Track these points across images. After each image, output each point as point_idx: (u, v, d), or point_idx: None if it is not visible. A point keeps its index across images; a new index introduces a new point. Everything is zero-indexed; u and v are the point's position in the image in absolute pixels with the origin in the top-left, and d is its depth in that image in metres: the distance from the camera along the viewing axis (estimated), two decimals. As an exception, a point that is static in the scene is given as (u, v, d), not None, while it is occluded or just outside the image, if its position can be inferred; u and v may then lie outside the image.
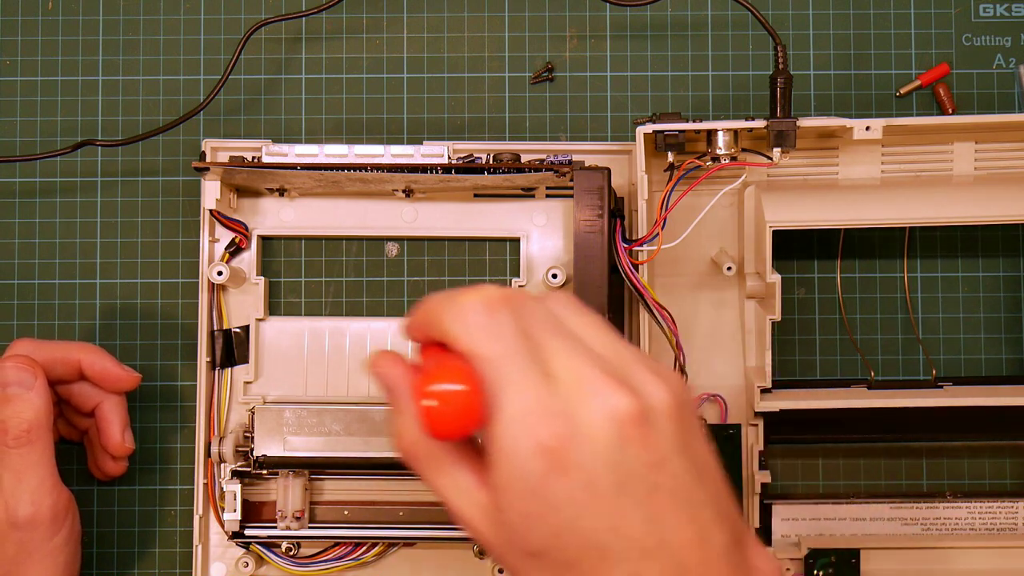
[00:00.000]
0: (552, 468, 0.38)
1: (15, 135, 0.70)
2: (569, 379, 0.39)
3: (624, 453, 0.39)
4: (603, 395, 0.39)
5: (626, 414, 0.39)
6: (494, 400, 0.39)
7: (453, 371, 0.40)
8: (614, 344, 0.41)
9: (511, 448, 0.39)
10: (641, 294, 0.61)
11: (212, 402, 0.67)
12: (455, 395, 0.39)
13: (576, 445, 0.38)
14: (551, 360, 0.40)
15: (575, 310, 0.42)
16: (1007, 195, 0.63)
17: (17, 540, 0.58)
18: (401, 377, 0.42)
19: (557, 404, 0.39)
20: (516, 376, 0.39)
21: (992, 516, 0.67)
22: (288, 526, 0.65)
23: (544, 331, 0.40)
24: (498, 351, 0.39)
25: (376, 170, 0.63)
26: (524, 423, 0.39)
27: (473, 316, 0.40)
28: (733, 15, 0.70)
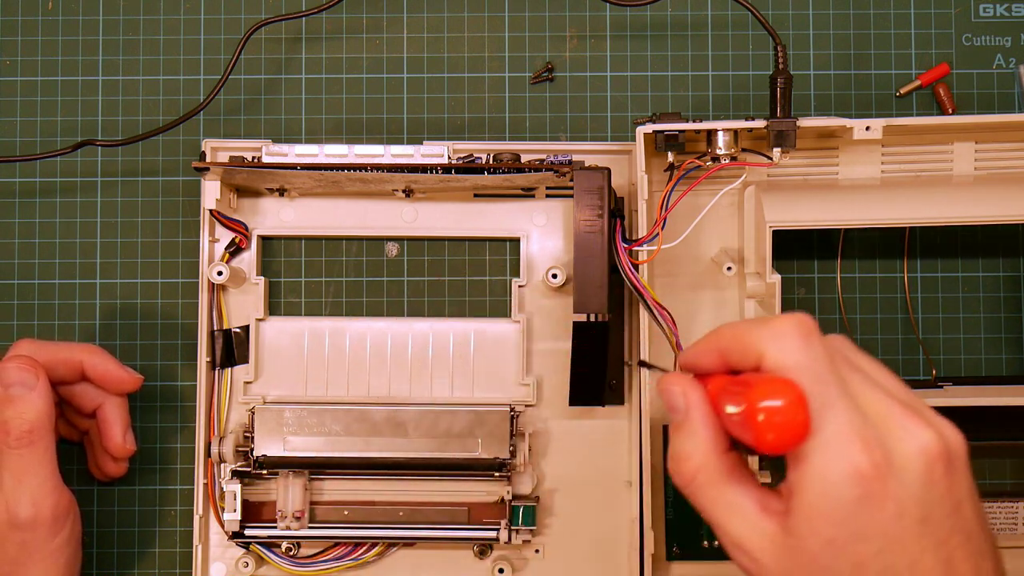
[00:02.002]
0: (866, 495, 0.39)
1: (15, 135, 0.70)
2: (879, 412, 0.40)
3: (932, 490, 0.39)
4: (915, 430, 0.40)
5: (936, 451, 0.40)
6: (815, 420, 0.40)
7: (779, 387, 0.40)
8: (904, 385, 0.43)
9: (826, 470, 0.39)
10: (641, 294, 0.61)
11: (212, 402, 0.67)
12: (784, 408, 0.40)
13: (890, 475, 0.39)
14: (858, 394, 0.41)
15: (857, 350, 0.43)
16: (1007, 195, 0.63)
17: (18, 540, 0.58)
18: (697, 396, 0.43)
19: (873, 433, 0.39)
20: (836, 400, 0.40)
21: (992, 516, 0.67)
22: (288, 526, 0.65)
23: (845, 366, 0.41)
24: (819, 373, 0.40)
25: (376, 170, 0.63)
26: (844, 446, 0.39)
27: (792, 338, 0.41)
28: (733, 15, 0.70)
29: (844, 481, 0.39)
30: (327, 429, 0.65)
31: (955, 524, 0.40)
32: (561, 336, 0.67)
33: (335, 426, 0.65)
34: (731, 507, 0.42)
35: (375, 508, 0.66)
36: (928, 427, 0.40)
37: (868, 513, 0.39)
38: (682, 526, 0.64)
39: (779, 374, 0.40)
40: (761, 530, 0.41)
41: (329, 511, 0.66)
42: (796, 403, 0.39)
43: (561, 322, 0.68)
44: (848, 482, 0.39)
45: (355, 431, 0.65)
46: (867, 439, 0.39)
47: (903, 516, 0.39)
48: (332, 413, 0.65)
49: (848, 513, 0.39)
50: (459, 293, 0.69)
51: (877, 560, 0.39)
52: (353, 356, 0.68)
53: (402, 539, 0.66)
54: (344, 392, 0.68)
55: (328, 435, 0.65)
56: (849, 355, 0.43)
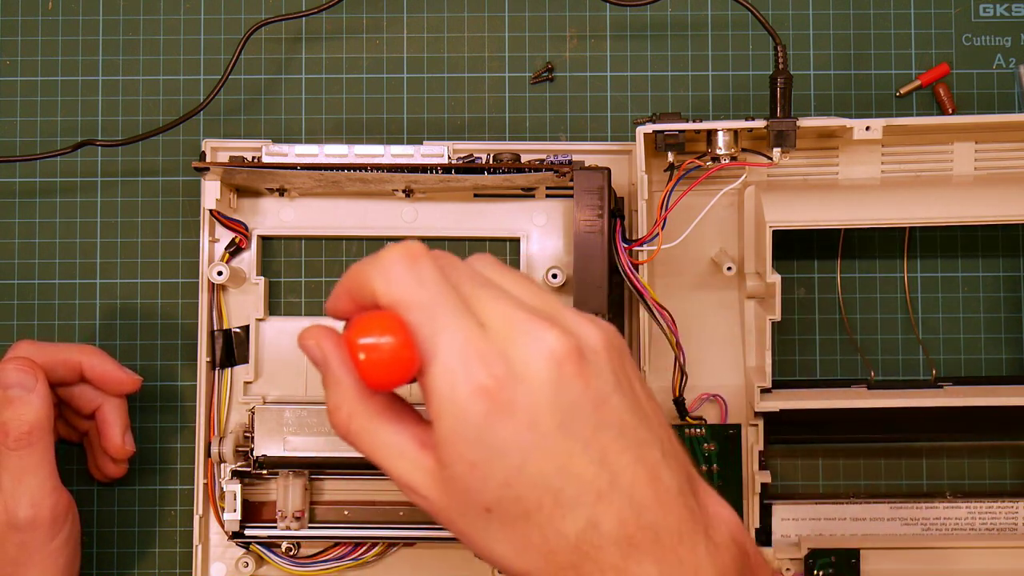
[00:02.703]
0: (493, 409, 0.38)
1: (15, 135, 0.70)
2: (500, 323, 0.39)
3: (564, 391, 0.38)
4: (537, 334, 0.38)
5: (562, 351, 0.38)
6: (427, 346, 0.39)
7: (381, 322, 0.39)
8: (541, 293, 0.41)
9: (449, 393, 0.38)
10: (641, 294, 0.61)
11: (212, 402, 0.67)
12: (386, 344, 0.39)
13: (515, 384, 0.38)
14: (479, 308, 0.39)
15: (499, 266, 0.42)
16: (1007, 195, 0.63)
17: (17, 541, 0.58)
18: (332, 347, 0.41)
19: (491, 346, 0.38)
20: (446, 321, 0.38)
21: (992, 516, 0.67)
22: (288, 526, 0.65)
23: (469, 282, 0.40)
24: (425, 297, 0.39)
25: (376, 170, 0.63)
26: (460, 366, 0.38)
27: (397, 267, 0.39)
28: (733, 15, 0.70)
29: (468, 400, 0.38)
30: (327, 429, 0.65)
31: (601, 420, 0.39)
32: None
33: (335, 426, 0.65)
34: (390, 448, 0.41)
35: (375, 508, 0.66)
36: (552, 328, 0.38)
37: (500, 427, 0.38)
38: (682, 526, 0.64)
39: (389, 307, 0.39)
40: (422, 466, 0.40)
41: (329, 511, 0.66)
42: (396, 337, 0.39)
43: (561, 322, 0.67)
44: (471, 400, 0.38)
45: (355, 431, 0.65)
46: (484, 353, 0.38)
47: (537, 423, 0.38)
48: (332, 413, 0.65)
49: (480, 431, 0.38)
50: (459, 293, 0.69)
51: (523, 472, 0.38)
52: (353, 356, 0.68)
53: (402, 539, 0.66)
54: (344, 392, 0.68)
55: (328, 435, 0.65)
56: (483, 270, 0.41)
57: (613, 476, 0.38)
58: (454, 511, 0.40)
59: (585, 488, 0.38)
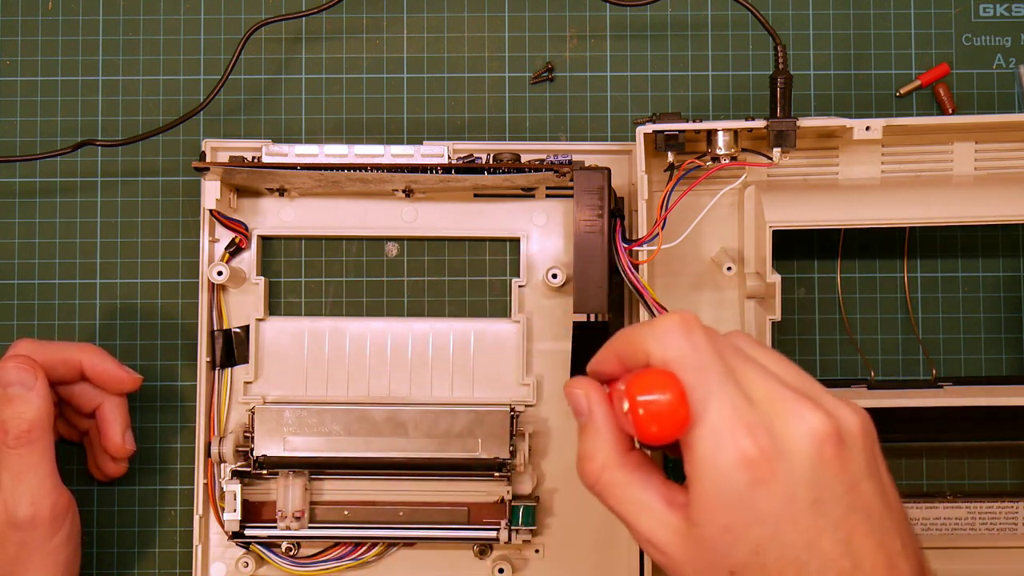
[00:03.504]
0: (755, 479, 0.39)
1: (15, 135, 0.70)
2: (766, 397, 0.41)
3: (822, 471, 0.40)
4: (802, 413, 0.40)
5: (824, 433, 0.40)
6: (698, 407, 0.40)
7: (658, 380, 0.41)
8: (800, 373, 0.43)
9: (714, 456, 0.40)
10: (641, 294, 0.61)
11: (212, 402, 0.67)
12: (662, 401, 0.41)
13: (778, 458, 0.40)
14: (746, 381, 0.41)
15: (756, 343, 0.44)
16: (1007, 195, 0.63)
17: (17, 540, 0.58)
18: (599, 398, 0.44)
19: (758, 418, 0.40)
20: (718, 388, 0.40)
21: (992, 516, 0.67)
22: (288, 526, 0.65)
23: (735, 356, 0.42)
24: (699, 361, 0.41)
25: (376, 170, 0.63)
26: (728, 433, 0.40)
27: (674, 332, 0.42)
28: (733, 15, 0.70)
29: (732, 467, 0.39)
30: (327, 429, 0.65)
31: (852, 503, 0.40)
32: (561, 336, 0.67)
33: (335, 426, 0.65)
34: (637, 504, 0.42)
35: (375, 508, 0.66)
36: (816, 409, 0.40)
37: (759, 497, 0.39)
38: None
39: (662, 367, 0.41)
40: (667, 524, 0.42)
41: (329, 511, 0.66)
42: (673, 394, 0.40)
43: (561, 322, 0.67)
44: (736, 467, 0.39)
45: (355, 431, 0.65)
46: (751, 424, 0.40)
47: (794, 498, 0.39)
48: (332, 413, 0.65)
49: (740, 498, 0.39)
50: (459, 293, 0.69)
51: (774, 542, 0.39)
52: (353, 356, 0.68)
53: (402, 539, 0.66)
54: (344, 392, 0.68)
55: (328, 435, 0.65)
56: (743, 346, 0.43)
57: (856, 559, 0.40)
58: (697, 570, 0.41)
59: (829, 566, 0.40)
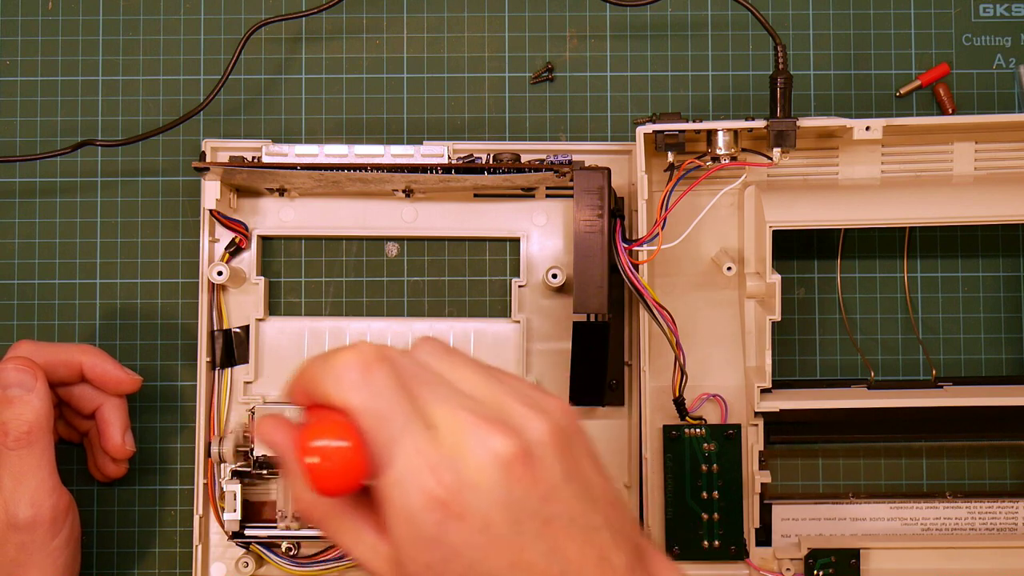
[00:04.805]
0: (445, 517, 0.39)
1: (15, 135, 0.70)
2: (448, 428, 0.40)
3: (513, 491, 0.39)
4: (484, 440, 0.39)
5: (509, 454, 0.39)
6: (380, 455, 0.40)
7: (334, 427, 0.40)
8: (486, 382, 0.42)
9: (403, 502, 0.39)
10: (641, 294, 0.61)
11: (212, 402, 0.67)
12: (337, 451, 0.39)
13: (465, 491, 0.39)
14: (429, 410, 0.40)
15: (444, 353, 0.43)
16: (1007, 195, 0.63)
17: (17, 542, 0.58)
18: (287, 440, 0.42)
19: (441, 454, 0.39)
20: (398, 431, 0.40)
21: (992, 516, 0.67)
22: (288, 526, 0.65)
23: (418, 382, 0.41)
24: (377, 406, 0.40)
25: (376, 170, 0.63)
26: (412, 477, 0.39)
27: (349, 374, 0.40)
28: (733, 15, 0.70)
29: (421, 510, 0.39)
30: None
31: (550, 512, 0.40)
32: (561, 336, 0.67)
33: (335, 426, 0.65)
34: (350, 533, 0.42)
35: (375, 508, 0.66)
36: (498, 432, 0.40)
37: (453, 532, 0.39)
38: (682, 526, 0.64)
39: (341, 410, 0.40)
40: (379, 551, 0.42)
41: (329, 511, 0.66)
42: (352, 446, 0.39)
43: (561, 322, 0.67)
44: (425, 510, 0.39)
45: (355, 431, 0.65)
46: (434, 463, 0.39)
47: (488, 525, 0.39)
48: (332, 413, 0.65)
49: (434, 537, 0.39)
50: (459, 293, 0.69)
51: (478, 570, 0.39)
52: (353, 356, 0.68)
53: (402, 539, 0.66)
54: (344, 392, 0.68)
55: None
56: (432, 362, 0.42)
57: (564, 564, 0.40)
58: None
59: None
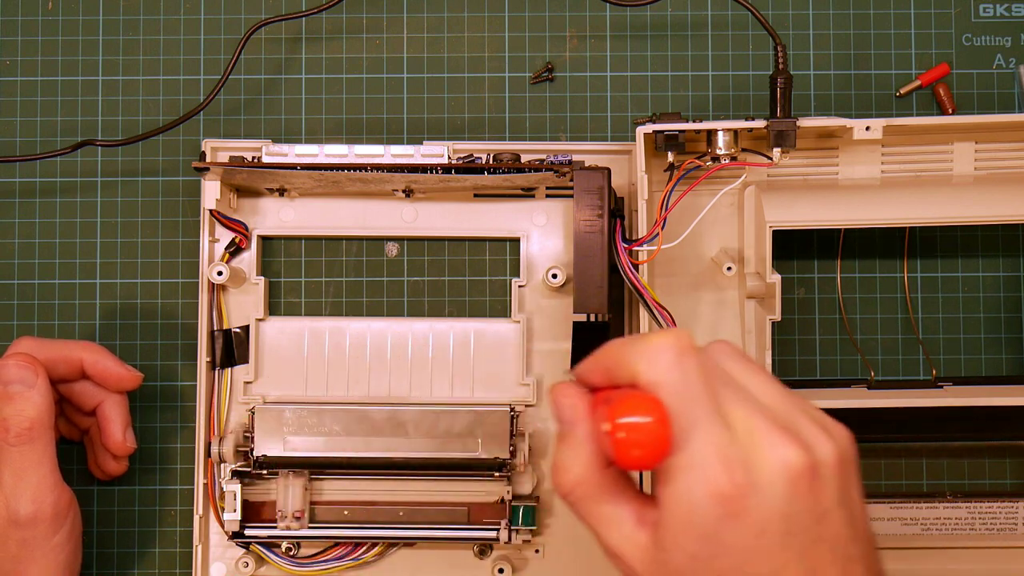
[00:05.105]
0: (727, 514, 0.39)
1: (15, 135, 0.70)
2: (745, 428, 0.41)
3: (794, 504, 0.40)
4: (778, 448, 0.40)
5: (799, 468, 0.40)
6: (680, 436, 0.40)
7: (644, 404, 0.40)
8: (781, 394, 0.43)
9: (688, 490, 0.40)
10: (641, 294, 0.61)
11: (212, 402, 0.67)
12: (644, 427, 0.40)
13: (751, 493, 0.40)
14: (727, 408, 0.41)
15: (739, 358, 0.44)
16: (1007, 195, 0.63)
17: (18, 538, 0.58)
18: (583, 410, 0.43)
19: (736, 452, 0.40)
20: (701, 418, 0.40)
21: (992, 516, 0.67)
22: (288, 526, 0.65)
23: (720, 382, 0.42)
24: (688, 391, 0.41)
25: (376, 170, 0.63)
26: (705, 467, 0.40)
27: (666, 355, 0.41)
28: (733, 15, 0.70)
29: (705, 501, 0.39)
30: (327, 429, 0.65)
31: (820, 533, 0.40)
32: (561, 336, 0.67)
33: (335, 426, 0.65)
34: (607, 518, 0.43)
35: (375, 508, 0.66)
36: (792, 443, 0.40)
37: (729, 530, 0.40)
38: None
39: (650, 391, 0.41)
40: (635, 541, 0.42)
41: (329, 511, 0.66)
42: (656, 421, 0.40)
43: (561, 322, 0.67)
44: (708, 502, 0.39)
45: (355, 431, 0.65)
46: (729, 459, 0.40)
47: (765, 532, 0.40)
48: (332, 413, 0.65)
49: (709, 530, 0.40)
50: (459, 293, 0.69)
51: (740, 572, 0.40)
52: (353, 356, 0.68)
53: (402, 539, 0.66)
54: (344, 392, 0.68)
55: (328, 435, 0.65)
56: (729, 365, 0.43)
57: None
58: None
59: None
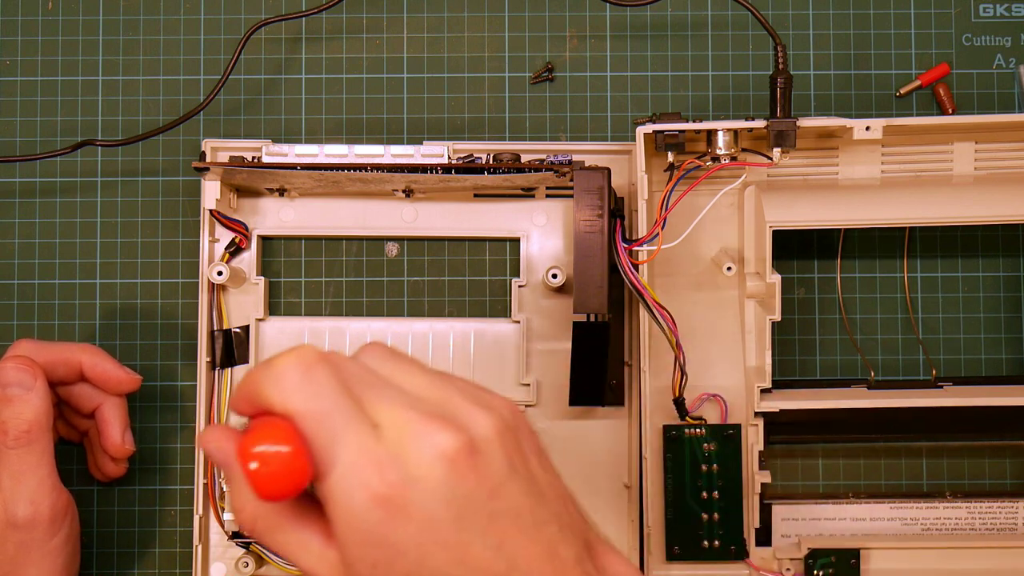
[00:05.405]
0: (390, 514, 0.39)
1: (15, 135, 0.70)
2: (392, 425, 0.40)
3: (458, 487, 0.39)
4: (428, 435, 0.39)
5: (453, 450, 0.39)
6: (322, 456, 0.39)
7: (275, 431, 0.40)
8: (432, 383, 0.42)
9: (347, 502, 0.39)
10: (641, 294, 0.61)
11: (212, 402, 0.67)
12: (278, 455, 0.39)
13: (410, 488, 0.39)
14: (372, 410, 0.40)
15: (389, 357, 0.43)
16: (1007, 195, 0.63)
17: (16, 541, 0.58)
18: (229, 448, 0.42)
19: (385, 452, 0.39)
20: (340, 430, 0.39)
21: (992, 516, 0.67)
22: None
23: (361, 384, 0.41)
24: (319, 407, 0.40)
25: (376, 170, 0.63)
26: (356, 475, 0.39)
27: (289, 376, 0.40)
28: (733, 15, 0.70)
29: (365, 507, 0.39)
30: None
31: (496, 507, 0.40)
32: (561, 336, 0.67)
33: (335, 426, 0.65)
34: (295, 545, 0.42)
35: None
36: (443, 427, 0.40)
37: (398, 529, 0.39)
38: (682, 526, 0.64)
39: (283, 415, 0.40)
40: (326, 560, 0.41)
41: (329, 511, 0.66)
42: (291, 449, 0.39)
43: (561, 322, 0.67)
44: (368, 507, 0.39)
45: (355, 431, 0.65)
46: (378, 460, 0.39)
47: (433, 522, 0.39)
48: (332, 413, 0.65)
49: (379, 535, 0.39)
50: (459, 293, 0.69)
51: (423, 569, 0.39)
52: (353, 356, 0.68)
53: (402, 539, 0.66)
54: (344, 392, 0.68)
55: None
56: (376, 365, 0.42)
57: (510, 559, 0.40)
58: None
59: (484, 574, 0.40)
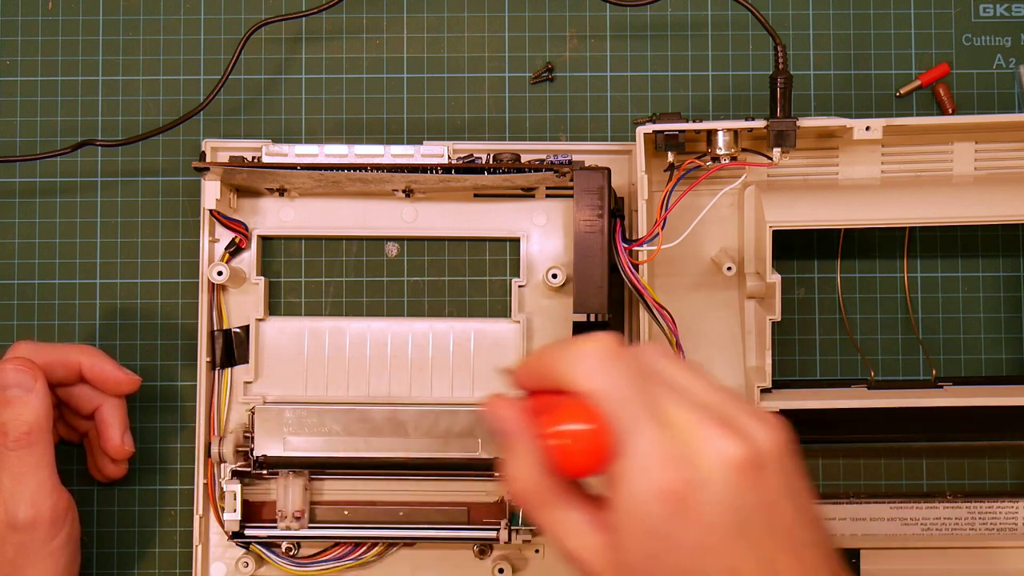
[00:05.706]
0: (676, 511, 0.40)
1: (15, 135, 0.70)
2: (685, 425, 0.41)
3: (744, 497, 0.41)
4: (719, 441, 0.41)
5: (742, 459, 0.41)
6: (621, 440, 0.41)
7: (579, 411, 0.41)
8: (712, 390, 0.43)
9: (637, 491, 0.41)
10: (641, 294, 0.61)
11: (212, 402, 0.67)
12: (585, 434, 0.41)
13: (698, 488, 0.40)
14: (664, 408, 0.41)
15: (671, 359, 0.44)
16: (1007, 195, 0.63)
17: (16, 542, 0.58)
18: (519, 420, 0.44)
19: (679, 449, 0.41)
20: (640, 420, 0.41)
21: (992, 516, 0.67)
22: (288, 526, 0.65)
23: (653, 381, 0.42)
24: (622, 394, 0.41)
25: (376, 170, 0.63)
26: (650, 467, 0.40)
27: (596, 361, 0.42)
28: (733, 15, 0.70)
29: (653, 500, 0.40)
30: (327, 429, 0.65)
31: (772, 523, 0.41)
32: (561, 336, 0.67)
33: (335, 426, 0.65)
34: (564, 523, 0.43)
35: (375, 508, 0.66)
36: (732, 436, 0.41)
37: (680, 526, 0.40)
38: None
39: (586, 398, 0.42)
40: (593, 543, 0.42)
41: (329, 511, 0.66)
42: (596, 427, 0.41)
43: (561, 322, 0.67)
44: (656, 501, 0.40)
45: (355, 431, 0.65)
46: (672, 457, 0.40)
47: (715, 525, 0.40)
48: (332, 413, 0.65)
49: (661, 528, 0.40)
50: (459, 293, 0.69)
51: (695, 567, 0.41)
52: (353, 356, 0.68)
53: (402, 539, 0.66)
54: (344, 392, 0.68)
55: (328, 435, 0.65)
56: (661, 367, 0.44)
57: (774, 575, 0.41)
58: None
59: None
